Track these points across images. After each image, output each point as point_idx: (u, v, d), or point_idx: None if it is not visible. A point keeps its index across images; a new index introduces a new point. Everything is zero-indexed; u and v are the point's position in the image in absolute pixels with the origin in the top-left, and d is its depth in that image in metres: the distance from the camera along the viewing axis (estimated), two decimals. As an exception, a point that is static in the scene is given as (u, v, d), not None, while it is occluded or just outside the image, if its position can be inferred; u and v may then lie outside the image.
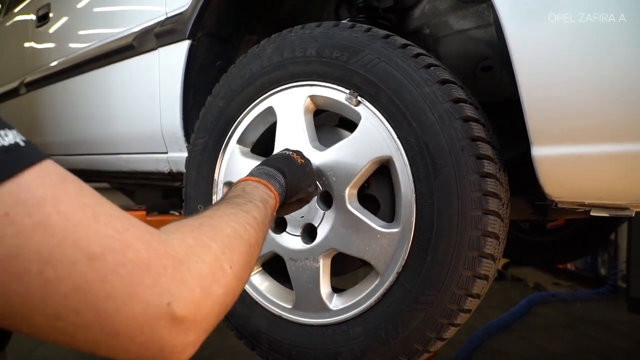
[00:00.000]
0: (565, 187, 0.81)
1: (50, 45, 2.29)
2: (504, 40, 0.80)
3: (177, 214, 2.50)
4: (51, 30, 2.25)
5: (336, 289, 1.04)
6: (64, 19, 2.17)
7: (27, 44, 2.49)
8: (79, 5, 2.05)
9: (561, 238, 2.47)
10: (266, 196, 0.77)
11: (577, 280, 4.60)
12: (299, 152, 0.96)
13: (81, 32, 2.04)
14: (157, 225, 1.61)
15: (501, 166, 0.90)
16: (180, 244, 0.49)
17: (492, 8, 0.83)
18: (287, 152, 0.94)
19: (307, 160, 0.95)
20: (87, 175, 2.27)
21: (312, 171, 0.94)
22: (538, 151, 0.80)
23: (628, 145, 0.72)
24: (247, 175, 0.84)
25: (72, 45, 2.08)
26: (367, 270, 1.01)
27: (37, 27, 2.36)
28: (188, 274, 0.46)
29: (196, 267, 0.48)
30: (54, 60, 2.20)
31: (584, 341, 3.11)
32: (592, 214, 0.84)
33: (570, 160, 0.77)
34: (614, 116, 0.72)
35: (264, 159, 1.09)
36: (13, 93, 2.57)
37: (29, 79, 2.41)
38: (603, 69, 0.72)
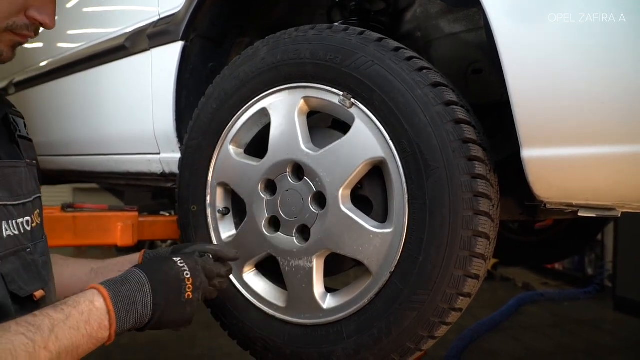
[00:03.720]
0: (553, 188, 0.83)
1: (40, 45, 2.27)
2: (494, 43, 0.82)
3: (167, 214, 2.50)
4: (41, 30, 2.23)
5: (329, 289, 1.05)
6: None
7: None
8: (69, 5, 2.04)
9: (549, 238, 2.50)
10: (84, 340, 0.67)
11: (565, 280, 4.66)
12: (196, 275, 0.82)
13: (71, 32, 2.03)
14: (149, 226, 1.60)
15: (491, 167, 0.92)
16: None
17: (482, 12, 0.85)
18: (184, 274, 0.80)
19: (197, 293, 0.81)
20: (78, 176, 2.25)
21: (193, 310, 0.82)
22: (527, 153, 0.82)
23: (615, 147, 0.74)
24: (111, 294, 0.72)
25: (62, 45, 2.07)
26: (359, 270, 1.02)
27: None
28: None
29: None
30: (44, 60, 2.18)
31: (571, 340, 3.16)
32: (579, 214, 0.86)
33: (559, 162, 0.79)
34: (601, 119, 0.74)
35: (257, 159, 1.10)
36: (2, 93, 2.55)
37: (18, 78, 2.39)
38: (591, 73, 0.74)
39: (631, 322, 3.53)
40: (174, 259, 0.83)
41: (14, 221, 0.80)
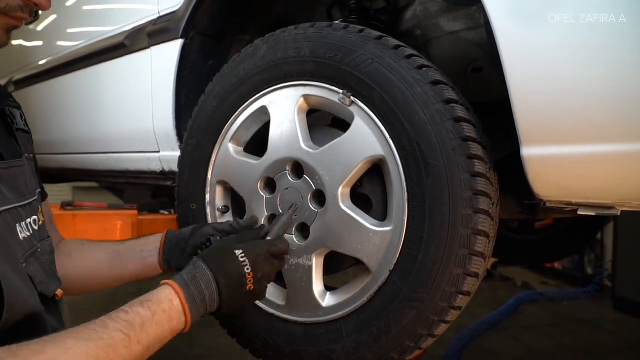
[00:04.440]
0: (553, 187, 0.83)
1: (39, 43, 2.27)
2: (494, 42, 0.82)
3: (167, 212, 2.49)
4: (40, 28, 2.23)
5: (328, 287, 1.05)
6: (53, 17, 2.16)
7: (15, 42, 2.47)
8: (69, 3, 2.04)
9: (548, 237, 2.50)
10: (168, 333, 0.74)
11: (564, 279, 4.66)
12: (256, 268, 0.85)
13: (71, 30, 2.03)
14: (148, 224, 1.60)
15: (491, 165, 0.92)
16: None
17: (482, 10, 0.85)
18: (244, 270, 0.84)
19: (259, 283, 0.86)
20: (78, 174, 2.25)
21: (256, 295, 0.87)
22: (527, 151, 0.82)
23: (615, 145, 0.74)
24: (185, 294, 0.78)
25: (61, 43, 2.07)
26: (358, 268, 1.02)
27: (26, 24, 2.34)
28: None
29: None
30: (43, 58, 2.18)
31: (571, 339, 3.16)
32: (579, 212, 0.86)
33: (559, 160, 0.79)
34: (601, 117, 0.74)
35: (256, 157, 1.10)
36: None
37: (17, 76, 2.39)
38: (591, 71, 0.73)
39: (630, 322, 3.53)
40: (236, 252, 0.85)
41: (23, 222, 0.81)
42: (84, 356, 0.61)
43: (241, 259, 0.85)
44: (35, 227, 0.85)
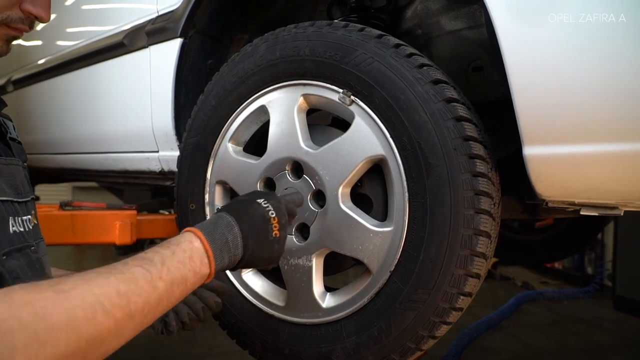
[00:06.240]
0: (555, 187, 0.82)
1: (38, 42, 2.26)
2: (495, 41, 0.81)
3: (167, 212, 2.49)
4: (39, 28, 2.22)
5: (328, 288, 1.04)
6: (52, 16, 2.15)
7: (14, 41, 2.46)
8: (67, 3, 2.03)
9: (549, 237, 2.50)
10: (190, 274, 0.71)
11: (564, 279, 4.65)
12: (280, 214, 0.84)
13: (70, 30, 2.02)
14: (147, 224, 1.58)
15: (493, 165, 0.91)
16: None
17: (483, 9, 0.84)
18: (269, 214, 0.82)
19: (284, 231, 0.84)
20: (77, 174, 2.24)
21: (281, 247, 0.85)
22: (529, 151, 0.81)
23: (618, 145, 0.73)
24: (206, 236, 0.75)
25: (60, 42, 2.06)
26: (359, 269, 1.01)
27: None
28: None
29: None
30: (42, 58, 2.17)
31: (571, 338, 3.15)
32: (582, 213, 0.85)
33: (561, 160, 0.78)
34: (604, 117, 0.73)
35: (256, 157, 1.09)
36: (0, 91, 2.54)
37: (16, 76, 2.38)
38: (595, 71, 0.73)
39: (630, 321, 3.52)
40: (258, 200, 0.85)
41: (19, 218, 0.81)
42: (105, 288, 0.59)
43: (265, 205, 0.83)
44: (30, 226, 0.85)
